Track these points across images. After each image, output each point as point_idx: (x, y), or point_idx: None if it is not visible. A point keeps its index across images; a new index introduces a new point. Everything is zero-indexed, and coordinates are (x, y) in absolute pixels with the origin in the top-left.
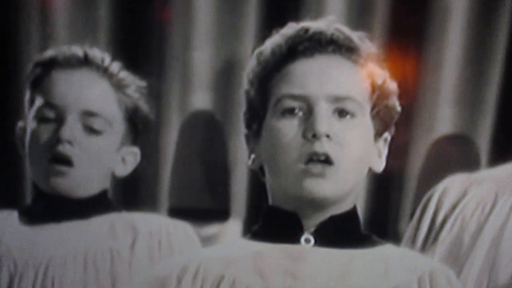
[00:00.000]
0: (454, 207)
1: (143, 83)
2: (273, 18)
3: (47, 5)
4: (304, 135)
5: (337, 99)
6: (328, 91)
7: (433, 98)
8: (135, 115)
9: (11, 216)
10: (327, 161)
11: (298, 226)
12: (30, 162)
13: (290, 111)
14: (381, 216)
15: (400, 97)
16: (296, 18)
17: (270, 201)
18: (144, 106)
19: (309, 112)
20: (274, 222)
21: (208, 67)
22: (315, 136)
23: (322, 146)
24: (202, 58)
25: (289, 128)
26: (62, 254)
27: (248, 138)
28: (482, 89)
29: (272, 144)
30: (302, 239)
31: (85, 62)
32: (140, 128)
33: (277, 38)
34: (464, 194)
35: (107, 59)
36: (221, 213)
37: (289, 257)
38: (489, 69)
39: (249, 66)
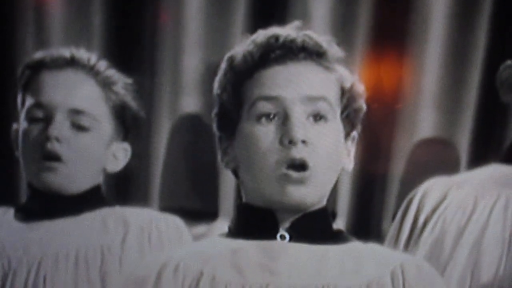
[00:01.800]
0: (434, 210)
1: (129, 80)
2: (261, 24)
3: (42, 10)
4: (280, 141)
5: (311, 99)
6: (302, 92)
7: (415, 102)
8: (123, 111)
9: (7, 214)
10: (304, 167)
11: (273, 223)
12: (22, 161)
13: (266, 116)
14: (364, 216)
15: (384, 101)
16: (283, 23)
17: (244, 199)
18: (132, 103)
19: (284, 117)
20: (249, 219)
21: (197, 72)
22: (291, 142)
23: (299, 152)
24: (192, 63)
25: (265, 134)
26: (54, 251)
27: (221, 140)
28: (462, 94)
29: (249, 148)
30: (278, 236)
31: (72, 62)
32: (129, 125)
33: (249, 46)
34: (444, 197)
35: (93, 58)
36: (209, 213)
37: (266, 253)
38: (468, 75)
39: (221, 71)
